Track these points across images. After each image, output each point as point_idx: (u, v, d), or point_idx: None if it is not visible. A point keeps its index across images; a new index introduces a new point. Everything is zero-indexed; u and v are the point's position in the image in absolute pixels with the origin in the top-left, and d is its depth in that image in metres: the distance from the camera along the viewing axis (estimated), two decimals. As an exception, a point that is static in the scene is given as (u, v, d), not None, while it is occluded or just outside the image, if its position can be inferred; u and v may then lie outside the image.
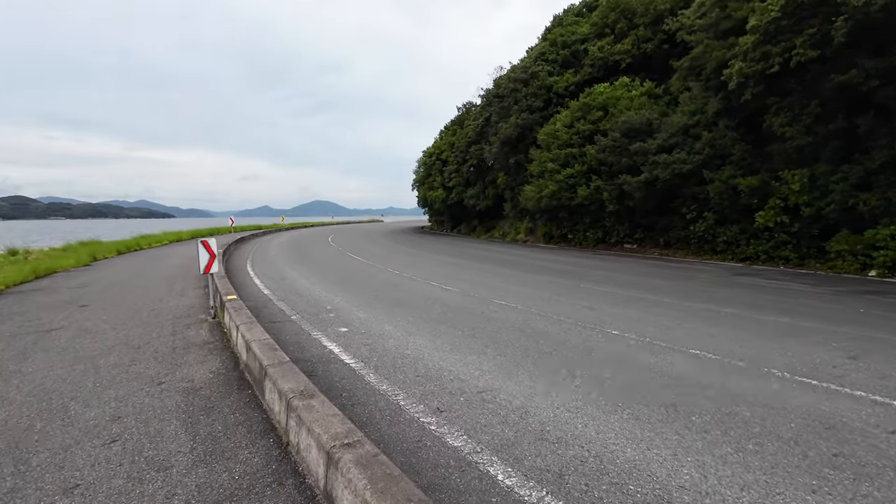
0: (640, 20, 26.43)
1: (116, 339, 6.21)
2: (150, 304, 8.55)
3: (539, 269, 15.27)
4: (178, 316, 7.51)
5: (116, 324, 7.06)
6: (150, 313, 7.79)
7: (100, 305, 8.50)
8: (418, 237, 35.76)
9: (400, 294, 9.91)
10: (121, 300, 9.02)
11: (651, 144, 20.43)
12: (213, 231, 36.01)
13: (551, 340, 6.43)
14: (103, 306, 8.42)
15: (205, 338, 6.18)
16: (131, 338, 6.24)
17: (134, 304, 8.64)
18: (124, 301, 8.92)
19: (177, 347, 5.73)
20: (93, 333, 6.50)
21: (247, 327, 5.27)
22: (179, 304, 8.50)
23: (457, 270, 14.22)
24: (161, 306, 8.37)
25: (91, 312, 7.88)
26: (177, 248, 22.46)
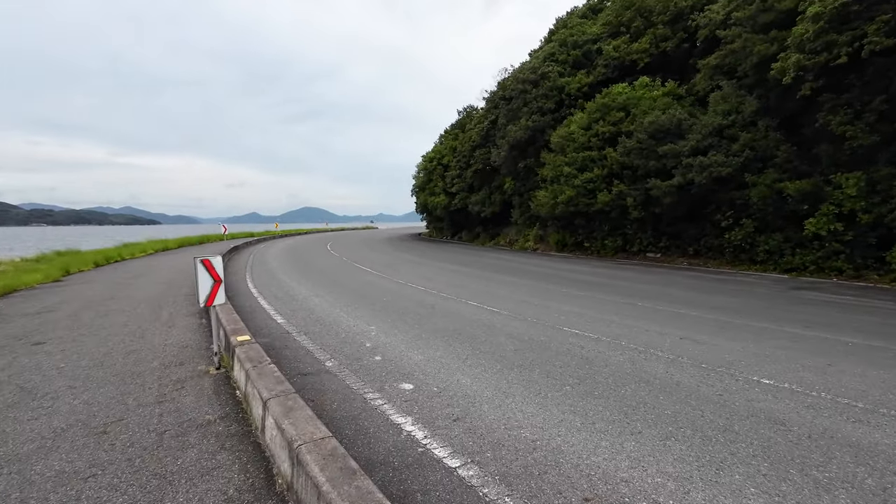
0: (657, 18, 24.89)
1: (70, 411, 4.04)
2: (128, 342, 6.36)
3: (576, 282, 13.31)
4: (166, 363, 5.33)
5: (76, 378, 4.89)
6: (128, 358, 5.60)
7: (59, 343, 6.29)
8: (420, 245, 33.66)
9: (444, 321, 7.85)
10: (90, 334, 6.81)
11: (683, 146, 18.72)
12: (202, 239, 33.44)
13: (706, 401, 4.42)
14: (64, 345, 6.21)
15: (208, 410, 4.04)
16: (94, 410, 4.07)
17: (106, 340, 6.44)
18: (94, 335, 6.72)
19: (165, 432, 3.58)
20: (35, 399, 4.31)
21: (281, 406, 3.18)
22: (168, 342, 6.31)
23: (487, 285, 12.21)
24: (142, 345, 6.18)
25: (44, 357, 5.67)
26: (163, 259, 20.05)
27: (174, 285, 11.49)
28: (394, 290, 11.24)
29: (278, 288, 11.26)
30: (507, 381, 4.93)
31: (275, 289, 11.07)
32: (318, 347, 6.07)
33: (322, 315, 8.13)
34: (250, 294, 10.36)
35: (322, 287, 11.50)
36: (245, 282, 12.41)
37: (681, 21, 24.14)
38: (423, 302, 9.60)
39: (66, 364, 5.37)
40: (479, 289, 11.60)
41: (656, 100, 22.16)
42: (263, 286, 11.57)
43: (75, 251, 23.36)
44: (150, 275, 13.87)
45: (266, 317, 7.95)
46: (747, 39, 17.20)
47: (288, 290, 11.03)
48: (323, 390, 4.51)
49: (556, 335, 7.04)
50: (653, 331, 7.48)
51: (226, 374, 4.92)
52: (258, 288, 11.27)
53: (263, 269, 15.60)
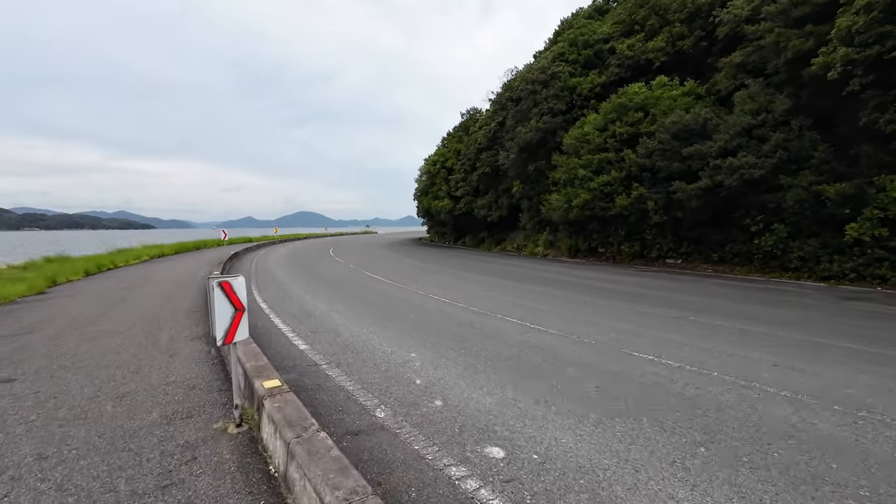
0: (673, 16, 23.94)
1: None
2: (120, 378, 5.09)
3: (609, 293, 12.12)
4: (169, 416, 4.05)
5: (49, 440, 3.62)
6: (119, 405, 4.33)
7: (34, 381, 5.01)
8: (425, 250, 32.42)
9: (492, 344, 6.64)
10: (73, 366, 5.53)
11: (710, 147, 17.67)
12: (199, 244, 32.02)
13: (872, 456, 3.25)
14: (39, 383, 4.93)
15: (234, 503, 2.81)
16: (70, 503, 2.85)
17: (93, 376, 5.17)
18: (78, 368, 5.44)
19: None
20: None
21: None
22: (170, 379, 5.05)
23: (516, 297, 11.01)
24: (138, 384, 4.91)
25: (10, 403, 4.38)
26: (159, 266, 18.68)
27: (173, 299, 10.19)
28: (417, 303, 10.02)
29: (291, 302, 9.99)
30: (618, 439, 3.72)
31: (287, 303, 9.80)
32: (358, 387, 4.82)
33: (349, 338, 6.89)
34: (261, 311, 9.08)
35: (339, 300, 10.25)
36: (253, 295, 11.12)
37: (698, 19, 23.20)
38: (457, 318, 8.39)
39: (39, 415, 4.10)
40: (510, 301, 10.40)
41: (676, 99, 21.15)
42: (274, 300, 10.29)
43: (65, 258, 21.95)
44: (146, 286, 12.54)
45: (285, 341, 6.68)
46: (780, 34, 16.20)
47: (301, 304, 9.76)
48: (387, 462, 3.27)
49: (629, 363, 5.86)
50: (737, 355, 6.34)
51: (249, 433, 3.68)
52: (269, 303, 9.99)
53: (270, 278, 14.31)
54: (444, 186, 37.57)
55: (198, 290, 11.59)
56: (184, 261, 21.45)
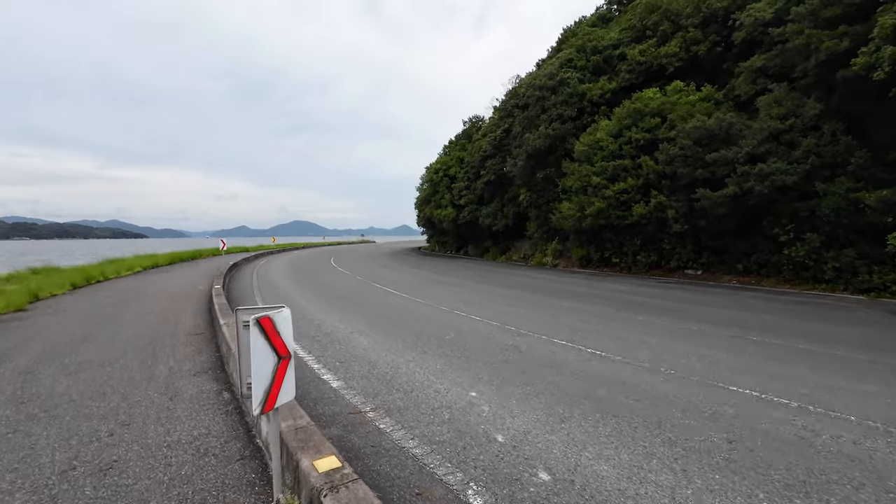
0: (687, 21, 23.19)
1: None
2: (104, 437, 3.80)
3: (642, 307, 10.95)
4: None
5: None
6: (100, 481, 3.07)
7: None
8: (430, 260, 31.20)
9: (555, 375, 5.43)
10: (45, 414, 4.23)
11: (737, 152, 16.74)
12: (195, 254, 30.55)
13: None
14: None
15: None
16: None
17: (69, 434, 3.88)
18: (51, 419, 4.14)
19: None
20: None
21: None
22: (171, 438, 3.77)
23: (549, 313, 9.83)
24: (128, 447, 3.62)
25: (-48, 481, 3.13)
26: (153, 278, 17.29)
27: (170, 317, 8.88)
28: (446, 321, 8.80)
29: (306, 322, 8.71)
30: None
31: (302, 324, 8.51)
32: (427, 448, 3.57)
33: (387, 370, 5.64)
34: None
35: (359, 319, 9.00)
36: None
37: (713, 23, 22.47)
38: (498, 341, 7.18)
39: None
40: (545, 318, 9.22)
41: (694, 105, 20.28)
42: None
43: (53, 268, 20.45)
44: (139, 301, 11.18)
45: (312, 375, 5.42)
46: (810, 36, 15.37)
47: (319, 324, 8.49)
48: None
49: (739, 404, 4.69)
50: (835, 386, 5.25)
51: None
52: (278, 321, 8.77)
53: (276, 293, 13.00)
54: (447, 195, 36.46)
55: (199, 306, 10.28)
56: (180, 272, 20.05)
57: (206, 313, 9.17)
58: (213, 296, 9.11)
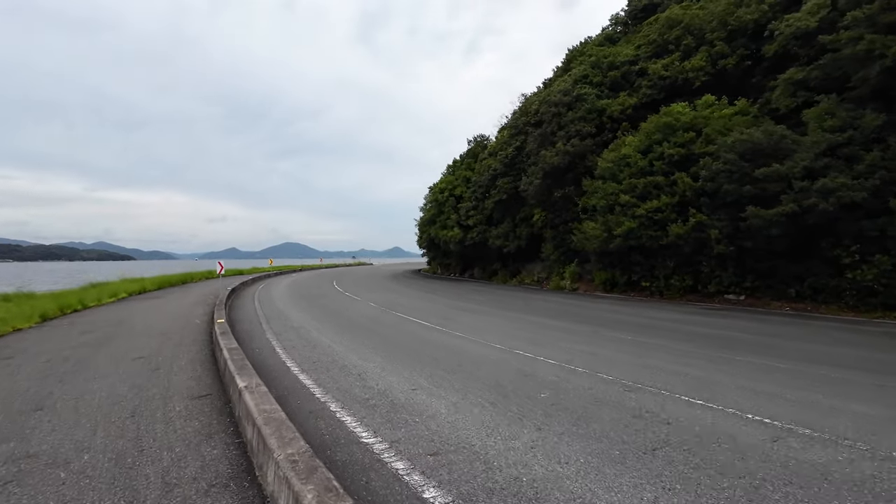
0: (712, 35, 22.10)
1: None
2: None
3: (713, 341, 9.05)
4: None
5: None
6: None
7: None
8: (439, 283, 29.16)
9: (681, 439, 3.51)
10: None
11: (792, 167, 15.21)
12: (185, 278, 28.18)
13: None
14: None
15: None
16: None
17: None
18: None
19: None
20: None
21: None
22: None
23: (614, 349, 7.90)
24: None
25: None
26: (140, 306, 15.03)
27: (161, 365, 6.74)
28: (517, 366, 6.81)
29: (344, 373, 6.59)
30: None
31: (342, 376, 6.36)
32: None
33: (513, 469, 3.60)
34: (303, 386, 5.68)
35: (408, 364, 6.94)
36: (274, 351, 7.73)
37: (740, 37, 21.39)
38: (613, 402, 5.20)
39: None
40: (633, 363, 7.26)
41: (730, 118, 18.92)
42: (309, 361, 6.92)
43: (27, 294, 18.00)
44: (122, 339, 8.99)
45: (388, 475, 3.37)
46: (873, 42, 14.07)
47: (362, 375, 6.39)
48: None
49: None
50: None
51: None
52: (301, 364, 6.64)
53: (289, 326, 10.85)
54: (453, 215, 34.68)
55: (198, 347, 8.14)
56: (171, 298, 17.76)
57: (209, 361, 7.03)
58: (218, 335, 7.01)
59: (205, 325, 10.68)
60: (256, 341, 8.64)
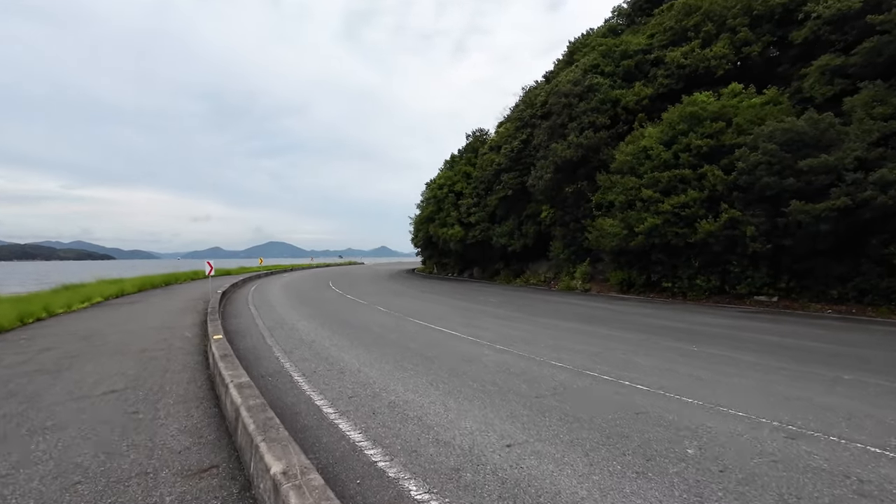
0: (735, 21, 20.80)
1: None
2: None
3: (775, 348, 7.62)
4: None
5: None
6: None
7: None
8: (441, 284, 27.44)
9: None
10: None
11: (841, 158, 13.90)
12: (168, 279, 25.93)
13: None
14: None
15: None
16: None
17: None
18: None
19: None
20: None
21: None
22: None
23: (671, 361, 6.38)
24: None
25: None
26: (117, 313, 13.01)
27: (143, 403, 4.92)
28: (578, 386, 5.20)
29: (375, 398, 4.90)
30: None
31: (385, 410, 4.65)
32: None
33: None
34: (348, 445, 3.96)
35: (459, 392, 5.26)
36: (291, 379, 5.95)
37: (765, 23, 20.13)
38: (718, 434, 3.63)
39: None
40: (682, 372, 5.74)
41: (761, 108, 17.61)
42: (340, 396, 5.17)
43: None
44: (89, 360, 7.08)
45: None
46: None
47: (403, 405, 4.69)
48: None
49: None
50: None
51: None
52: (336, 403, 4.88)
53: (296, 338, 9.02)
54: (453, 212, 32.93)
55: (188, 370, 6.30)
56: (153, 303, 15.68)
57: (208, 397, 5.21)
58: (218, 359, 5.19)
59: (196, 339, 8.79)
60: (265, 364, 6.80)
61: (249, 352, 7.64)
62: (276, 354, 7.38)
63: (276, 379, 5.87)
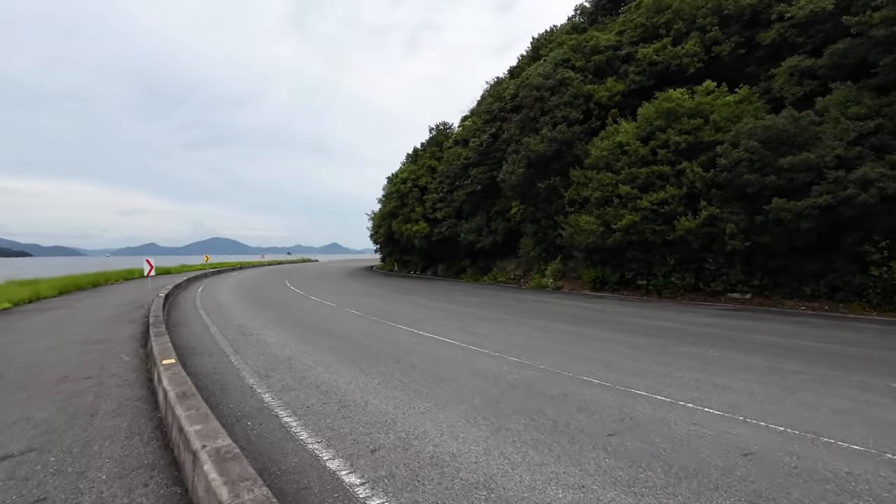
0: (704, 21, 20.80)
1: None
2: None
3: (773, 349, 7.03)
4: None
5: None
6: None
7: None
8: (409, 283, 25.92)
9: None
10: None
11: (822, 156, 13.86)
12: (97, 279, 22.64)
13: None
14: None
15: None
16: None
17: None
18: None
19: None
20: None
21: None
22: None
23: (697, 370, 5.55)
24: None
25: None
26: (24, 328, 10.52)
27: (61, 479, 3.21)
28: (645, 416, 4.12)
29: (416, 459, 3.53)
30: None
31: (402, 456, 3.29)
32: None
33: None
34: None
35: (510, 431, 3.97)
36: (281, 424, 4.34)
37: (734, 23, 20.21)
38: None
39: None
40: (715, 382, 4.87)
41: (734, 106, 17.55)
42: (359, 451, 3.71)
43: None
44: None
45: None
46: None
47: (438, 460, 3.35)
48: None
49: None
50: None
51: None
52: (362, 470, 3.42)
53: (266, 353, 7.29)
54: (418, 208, 31.44)
55: (127, 413, 4.52)
56: (78, 310, 13.08)
57: (162, 465, 3.53)
58: (176, 406, 3.53)
59: (136, 359, 6.86)
60: (237, 398, 5.09)
61: (210, 377, 5.87)
62: (249, 381, 5.68)
63: (258, 424, 4.24)
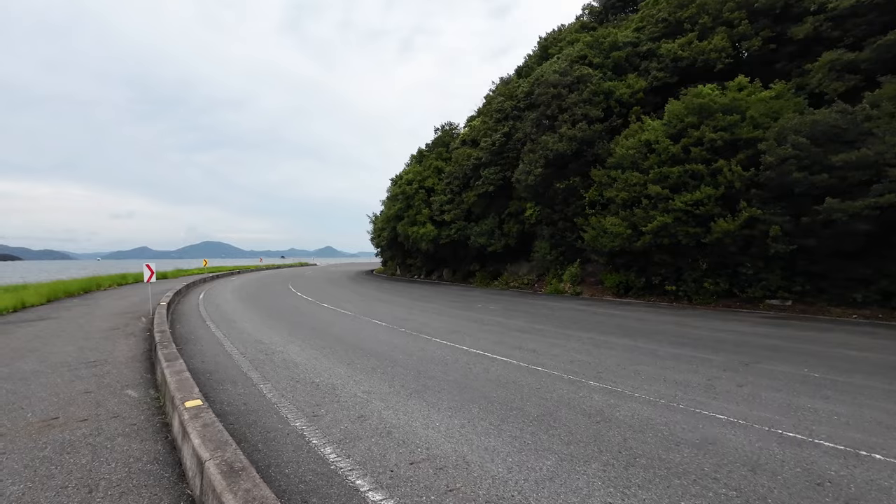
0: (732, 14, 19.80)
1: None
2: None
3: (870, 368, 5.89)
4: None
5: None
6: None
7: None
8: (417, 289, 24.59)
9: None
10: None
11: (882, 153, 12.80)
12: (88, 284, 21.02)
13: None
14: None
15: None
16: None
17: None
18: None
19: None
20: None
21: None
22: None
23: (801, 393, 4.35)
24: None
25: None
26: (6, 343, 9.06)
27: None
28: (780, 460, 2.87)
29: None
30: None
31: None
32: None
33: None
34: None
35: None
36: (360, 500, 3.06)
37: (763, 17, 19.23)
38: None
39: None
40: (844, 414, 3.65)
41: (770, 102, 16.49)
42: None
43: None
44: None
45: None
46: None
47: None
48: None
49: None
50: None
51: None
52: None
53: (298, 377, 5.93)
54: (425, 210, 30.10)
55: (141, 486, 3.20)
56: (67, 319, 11.57)
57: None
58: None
59: (142, 393, 5.46)
60: (288, 456, 3.69)
61: (244, 419, 4.50)
62: (296, 425, 4.30)
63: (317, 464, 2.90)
